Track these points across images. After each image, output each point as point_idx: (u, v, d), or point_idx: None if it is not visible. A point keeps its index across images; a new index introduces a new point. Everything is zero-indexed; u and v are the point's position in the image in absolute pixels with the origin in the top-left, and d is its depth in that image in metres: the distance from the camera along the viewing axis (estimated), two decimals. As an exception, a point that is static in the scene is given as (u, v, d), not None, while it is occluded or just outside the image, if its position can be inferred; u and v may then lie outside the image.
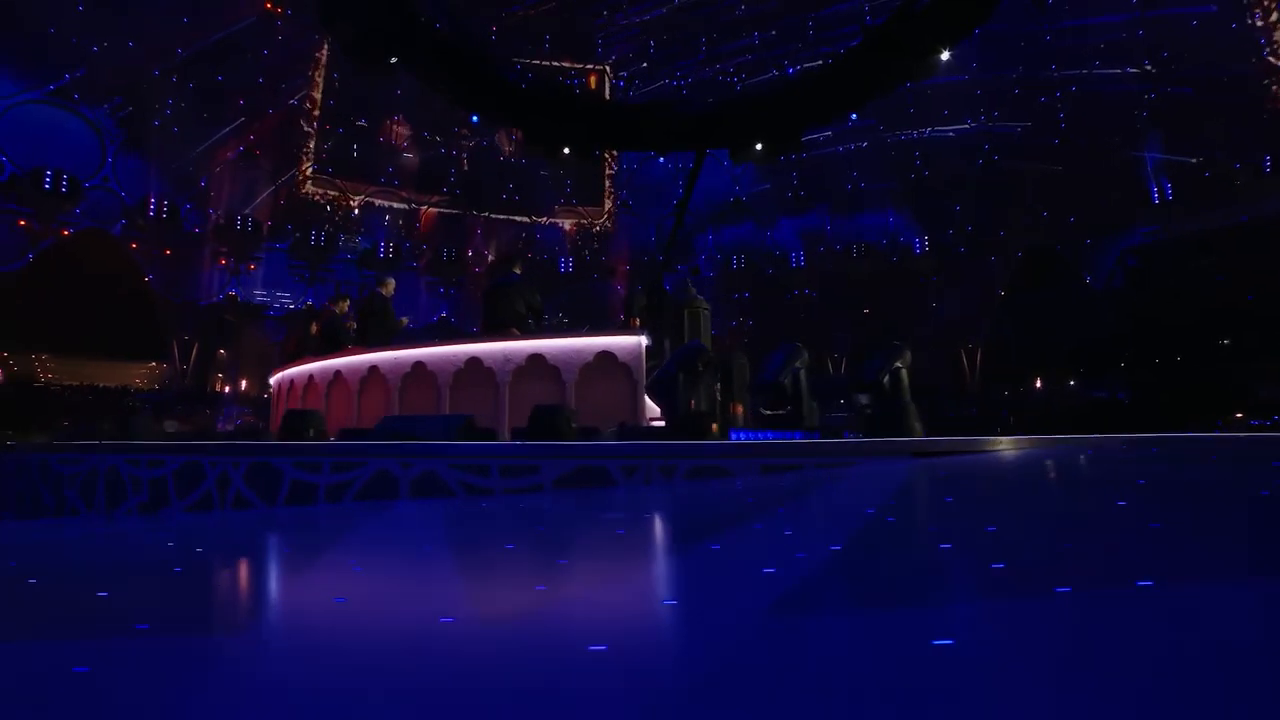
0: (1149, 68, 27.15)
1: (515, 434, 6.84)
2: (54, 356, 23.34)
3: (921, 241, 28.98)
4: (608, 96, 31.30)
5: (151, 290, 23.62)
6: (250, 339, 25.05)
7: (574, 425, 6.29)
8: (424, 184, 29.61)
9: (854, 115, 21.16)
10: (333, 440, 7.34)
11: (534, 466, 4.62)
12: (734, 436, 6.85)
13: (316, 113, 26.97)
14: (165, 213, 23.73)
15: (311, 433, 7.08)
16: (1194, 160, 26.26)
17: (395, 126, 28.47)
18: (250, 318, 25.21)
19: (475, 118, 24.48)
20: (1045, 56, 27.79)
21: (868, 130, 29.93)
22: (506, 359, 8.05)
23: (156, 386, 24.39)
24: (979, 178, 28.36)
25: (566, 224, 32.94)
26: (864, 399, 7.60)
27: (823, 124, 19.97)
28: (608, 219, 33.24)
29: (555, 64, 30.64)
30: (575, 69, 30.95)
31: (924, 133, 29.21)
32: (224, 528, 4.04)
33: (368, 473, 4.74)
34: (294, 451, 5.31)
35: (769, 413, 7.65)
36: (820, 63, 21.50)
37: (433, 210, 30.22)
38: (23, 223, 21.59)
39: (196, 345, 24.11)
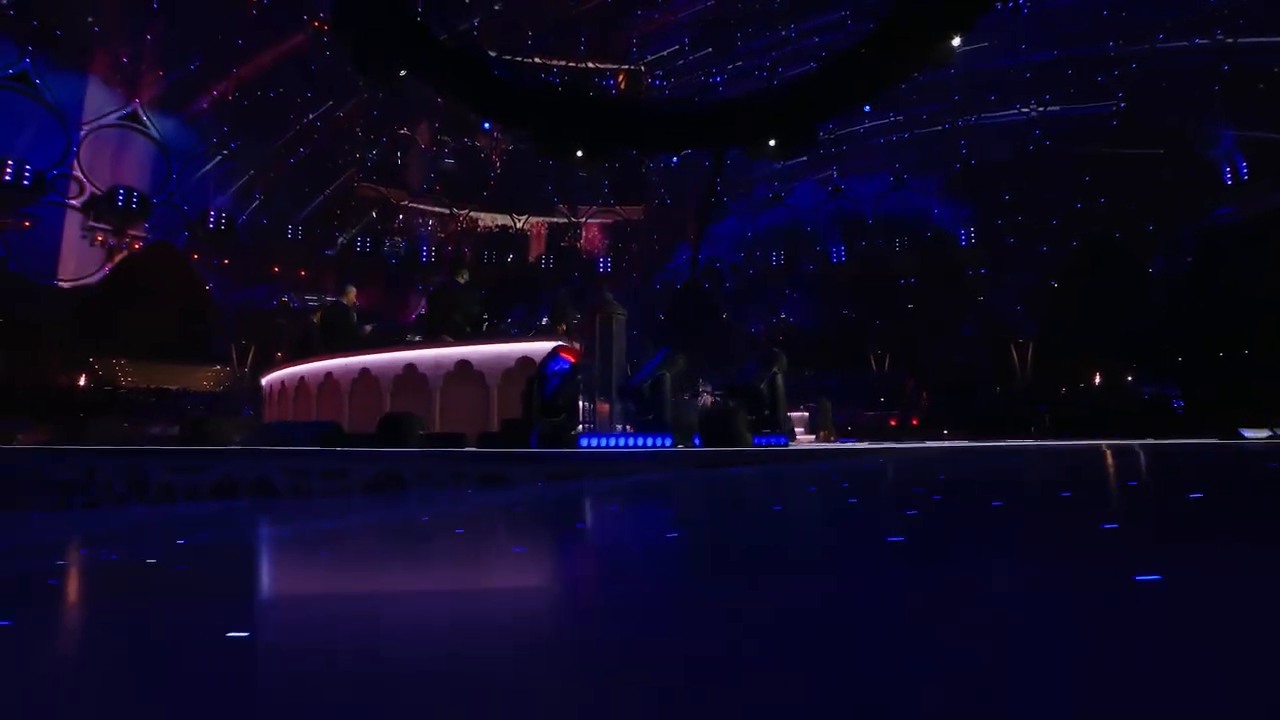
0: (1223, 38, 25.36)
1: (365, 440, 7.20)
2: (130, 361, 25.52)
3: (968, 233, 27.99)
4: (642, 96, 31.60)
5: (211, 297, 25.52)
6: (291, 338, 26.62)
7: (421, 432, 6.57)
8: (464, 188, 30.71)
9: (867, 107, 20.60)
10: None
11: (344, 470, 4.91)
12: (583, 442, 7.03)
13: (362, 123, 28.42)
14: (224, 224, 25.57)
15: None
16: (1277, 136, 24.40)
17: (436, 134, 29.65)
18: (298, 319, 26.82)
19: (487, 123, 25.26)
20: (1102, 32, 26.34)
21: (911, 120, 29.09)
22: (438, 365, 8.63)
23: (221, 388, 26.29)
24: (1030, 165, 27.13)
25: (604, 223, 33.44)
26: (733, 403, 7.79)
27: (834, 117, 19.59)
28: (644, 217, 33.54)
29: (588, 65, 31.17)
30: (608, 69, 31.39)
31: (970, 120, 28.15)
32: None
33: (214, 474, 5.22)
34: (161, 455, 5.92)
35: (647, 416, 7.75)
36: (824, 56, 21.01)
37: (473, 213, 31.31)
38: (100, 238, 23.75)
39: (254, 348, 25.87)
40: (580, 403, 7.92)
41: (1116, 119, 26.27)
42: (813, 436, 17.92)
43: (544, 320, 9.03)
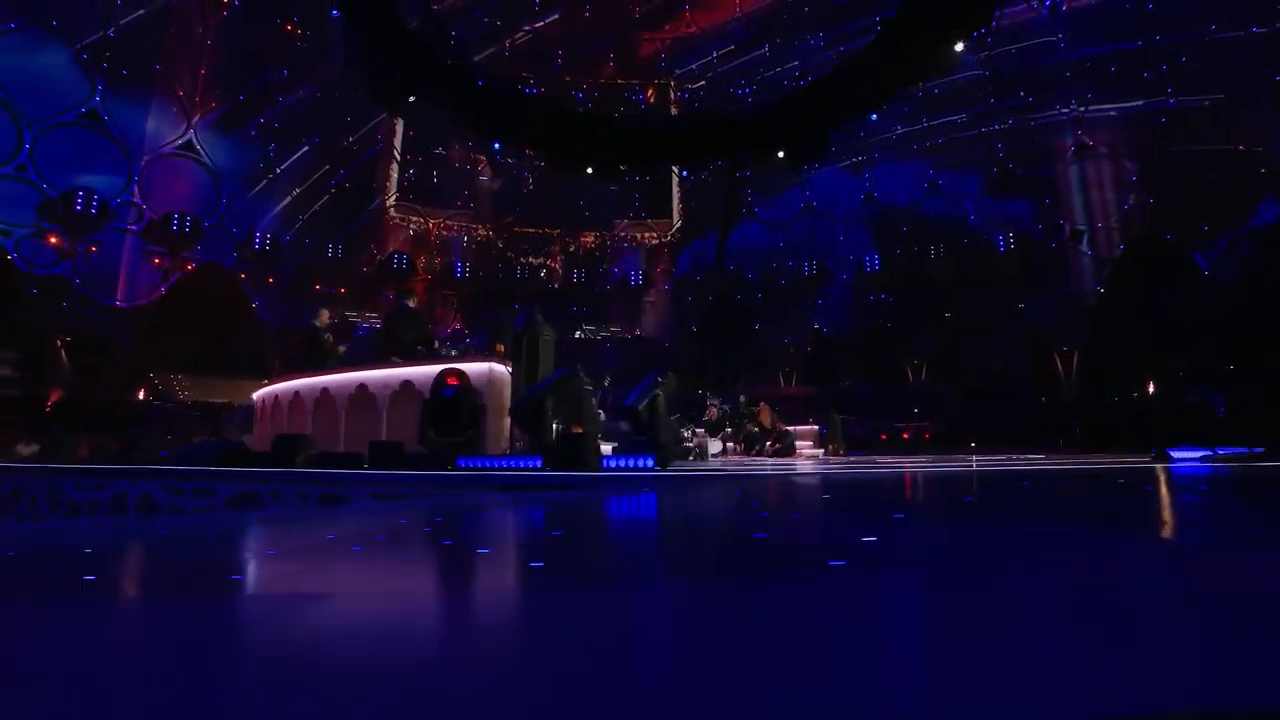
0: (1285, 26, 24.00)
1: (263, 459, 7.59)
2: (187, 376, 27.18)
3: (1006, 238, 27.08)
4: (672, 110, 31.93)
5: (256, 314, 26.99)
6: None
7: (312, 453, 7.02)
8: (499, 205, 31.62)
9: (873, 116, 20.29)
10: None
11: (213, 489, 5.10)
12: (461, 463, 7.11)
13: (398, 143, 29.68)
14: (268, 245, 27.06)
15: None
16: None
17: (471, 151, 30.67)
18: (342, 338, 28.05)
19: (497, 144, 25.93)
20: (1149, 25, 25.25)
21: (946, 125, 28.47)
22: (385, 384, 9.03)
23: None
24: (1072, 166, 26.14)
25: (636, 237, 33.78)
26: (624, 425, 7.82)
27: (844, 124, 19.34)
28: (677, 230, 33.73)
29: (617, 81, 31.72)
30: (637, 84, 31.86)
31: (1007, 123, 27.32)
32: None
33: (110, 493, 5.55)
34: (71, 474, 6.36)
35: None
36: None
37: (507, 229, 32.18)
38: (157, 260, 25.50)
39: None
40: (506, 423, 8.04)
41: (1165, 115, 25.07)
42: (821, 451, 17.62)
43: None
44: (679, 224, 33.83)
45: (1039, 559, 2.24)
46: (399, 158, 30.27)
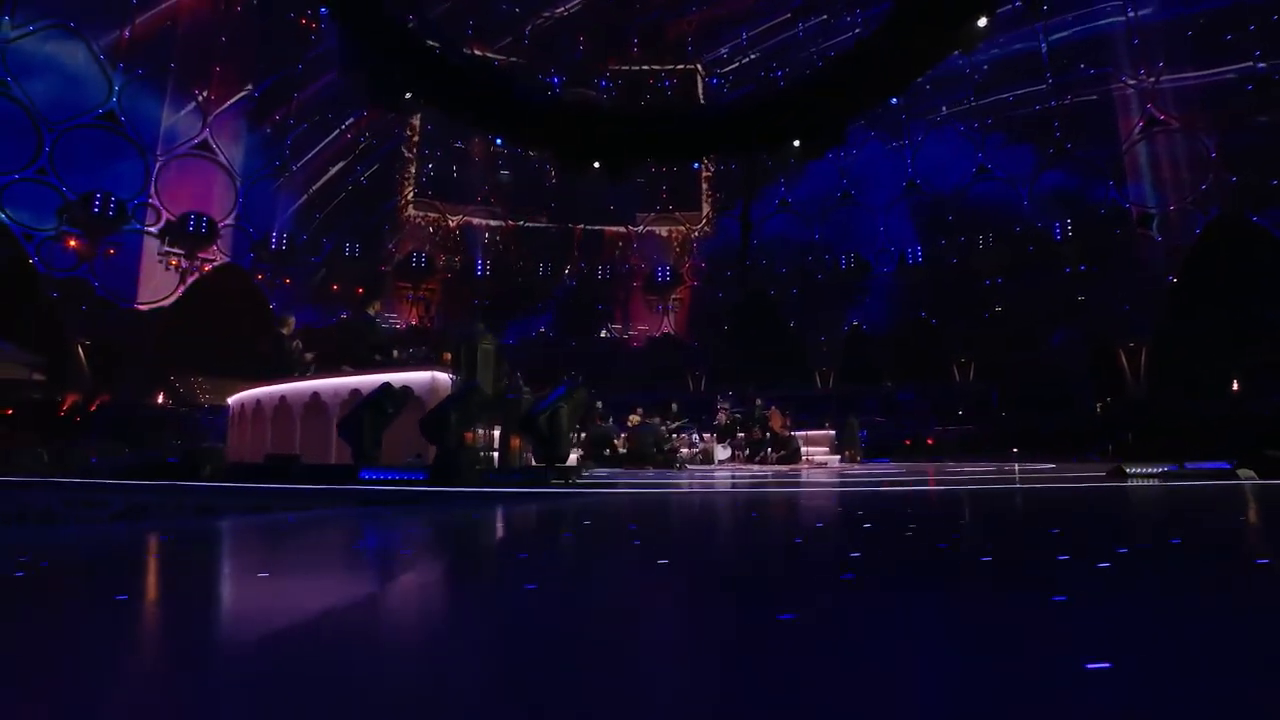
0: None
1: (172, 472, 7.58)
2: (208, 379, 26.98)
3: (1063, 225, 24.75)
4: (700, 97, 30.42)
5: (274, 316, 26.57)
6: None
7: (222, 465, 7.09)
8: (520, 200, 30.62)
9: (894, 99, 18.59)
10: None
11: (105, 501, 4.96)
12: (363, 475, 6.79)
13: (416, 138, 28.94)
14: (285, 245, 26.64)
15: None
16: None
17: (490, 145, 29.73)
18: (360, 338, 27.47)
19: (500, 140, 24.95)
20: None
21: (997, 105, 26.23)
22: (336, 394, 8.70)
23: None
24: (1141, 143, 23.65)
25: (663, 231, 32.39)
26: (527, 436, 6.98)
27: (860, 110, 17.82)
28: (707, 224, 32.20)
29: (642, 68, 30.35)
30: (663, 70, 30.42)
31: (1065, 100, 24.93)
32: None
33: (13, 505, 4.93)
34: None
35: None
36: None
37: (529, 225, 31.19)
38: (174, 262, 25.29)
39: (314, 366, 26.70)
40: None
41: (1251, 82, 22.40)
42: (836, 458, 16.55)
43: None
44: (708, 216, 32.27)
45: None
46: (417, 152, 29.54)
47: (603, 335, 31.85)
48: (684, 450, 15.32)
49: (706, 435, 16.15)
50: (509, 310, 29.99)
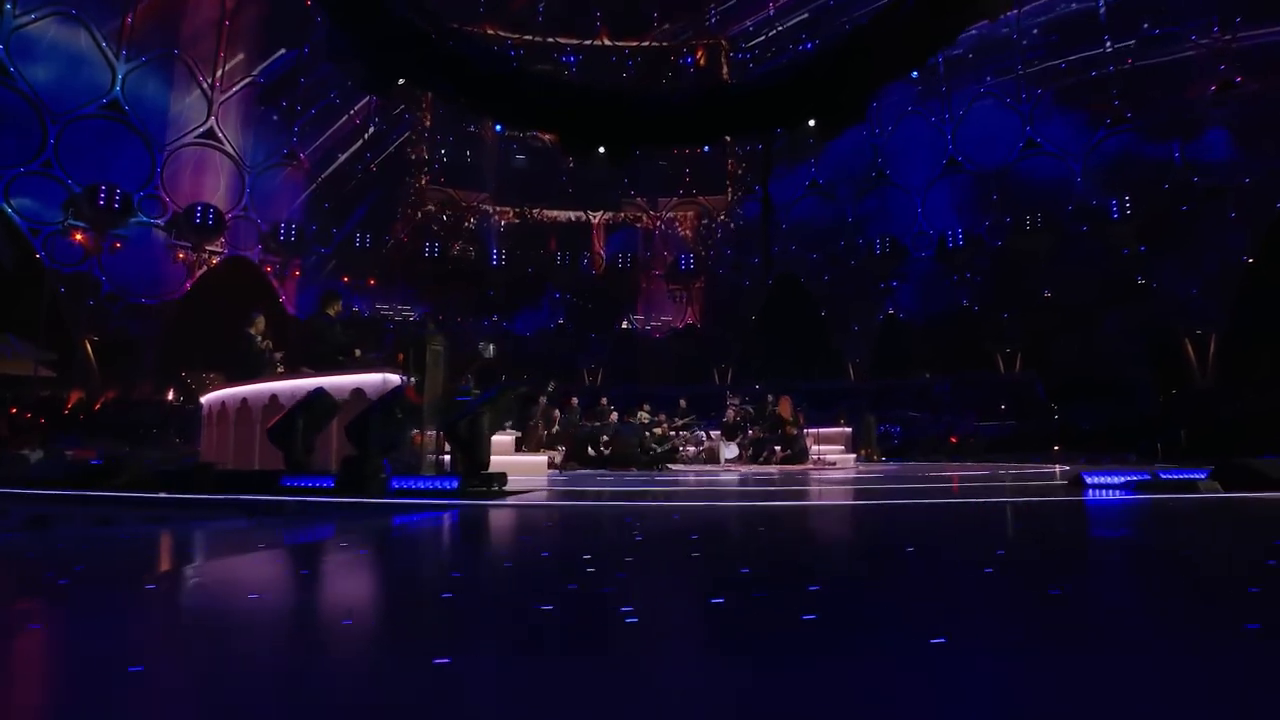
0: None
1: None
2: (220, 375, 26.36)
3: (1121, 202, 22.75)
4: (725, 73, 28.81)
5: (284, 309, 25.87)
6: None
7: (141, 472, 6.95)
8: (536, 185, 29.42)
9: (914, 73, 17.04)
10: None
11: (7, 510, 5.06)
12: (283, 482, 6.57)
13: (427, 123, 27.90)
14: (294, 236, 25.86)
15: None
16: None
17: (505, 130, 28.54)
18: (371, 332, 26.66)
19: (500, 126, 23.84)
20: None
21: (1047, 73, 24.20)
22: (294, 396, 8.08)
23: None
24: (1212, 110, 21.51)
25: (686, 216, 30.95)
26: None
27: (880, 86, 16.44)
28: (734, 207, 30.65)
29: (662, 44, 28.84)
30: (685, 46, 28.87)
31: (1125, 64, 22.83)
32: None
33: None
34: None
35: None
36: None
37: (545, 211, 30.01)
38: (181, 255, 24.68)
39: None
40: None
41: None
42: (852, 457, 15.77)
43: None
44: (735, 200, 30.71)
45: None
46: (429, 138, 28.49)
47: (623, 327, 30.61)
48: (691, 449, 14.68)
49: (714, 433, 15.32)
50: (524, 301, 28.93)
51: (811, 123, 14.12)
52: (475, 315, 28.84)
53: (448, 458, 7.20)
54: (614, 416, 14.68)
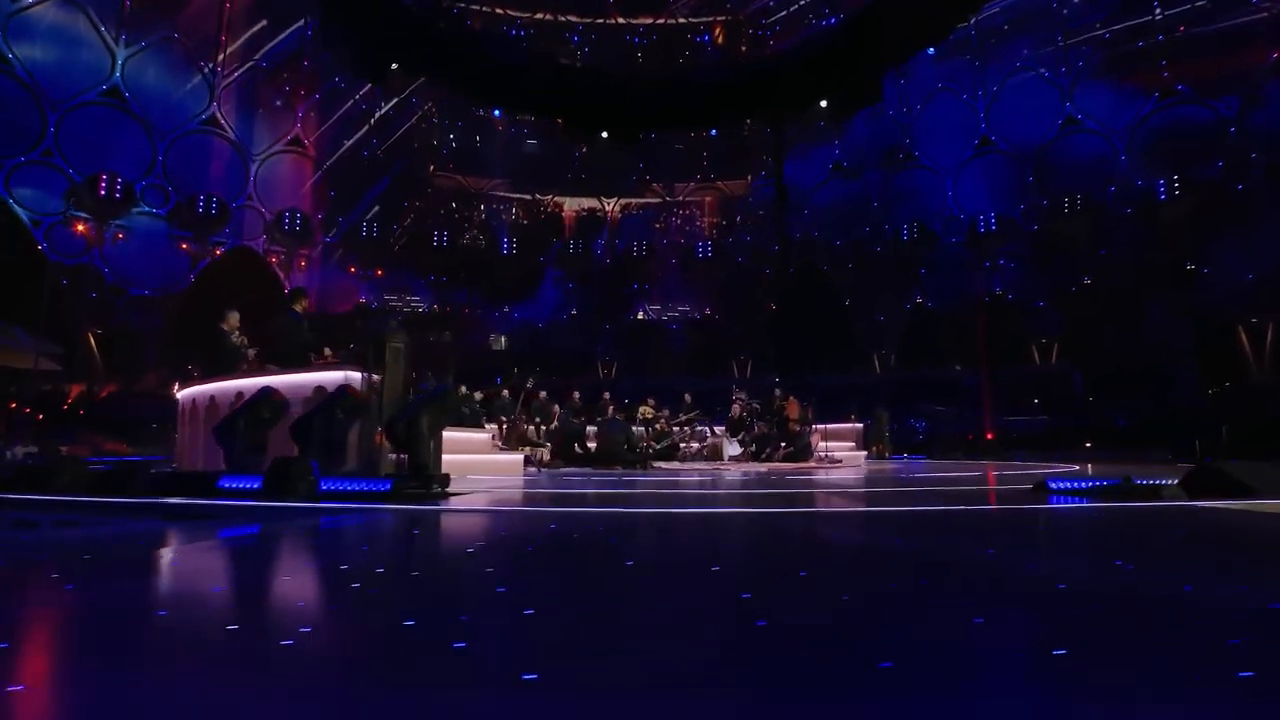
0: None
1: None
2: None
3: (1169, 182, 21.29)
4: (743, 48, 27.57)
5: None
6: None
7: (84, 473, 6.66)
8: (548, 171, 28.46)
9: (931, 50, 16.09)
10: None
11: None
12: (220, 483, 6.23)
13: (435, 108, 27.02)
14: (299, 226, 25.17)
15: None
16: None
17: (515, 114, 27.60)
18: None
19: (498, 111, 22.99)
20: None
21: (1089, 45, 22.72)
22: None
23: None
24: (1270, 81, 19.97)
25: (704, 202, 29.84)
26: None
27: (894, 63, 15.48)
28: (754, 191, 29.48)
29: (678, 20, 27.64)
30: (702, 23, 27.66)
31: (1176, 32, 21.30)
32: None
33: None
34: None
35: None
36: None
37: (558, 200, 29.06)
38: (185, 246, 24.08)
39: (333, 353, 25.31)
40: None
41: None
42: (863, 454, 15.25)
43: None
44: (755, 185, 29.52)
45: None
46: (438, 123, 27.62)
47: (638, 317, 29.64)
48: (694, 445, 14.25)
49: (719, 429, 14.74)
50: (536, 291, 28.05)
51: (823, 104, 13.84)
52: (485, 306, 28.03)
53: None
54: (646, 410, 14.30)
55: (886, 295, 27.01)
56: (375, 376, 7.11)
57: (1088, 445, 18.23)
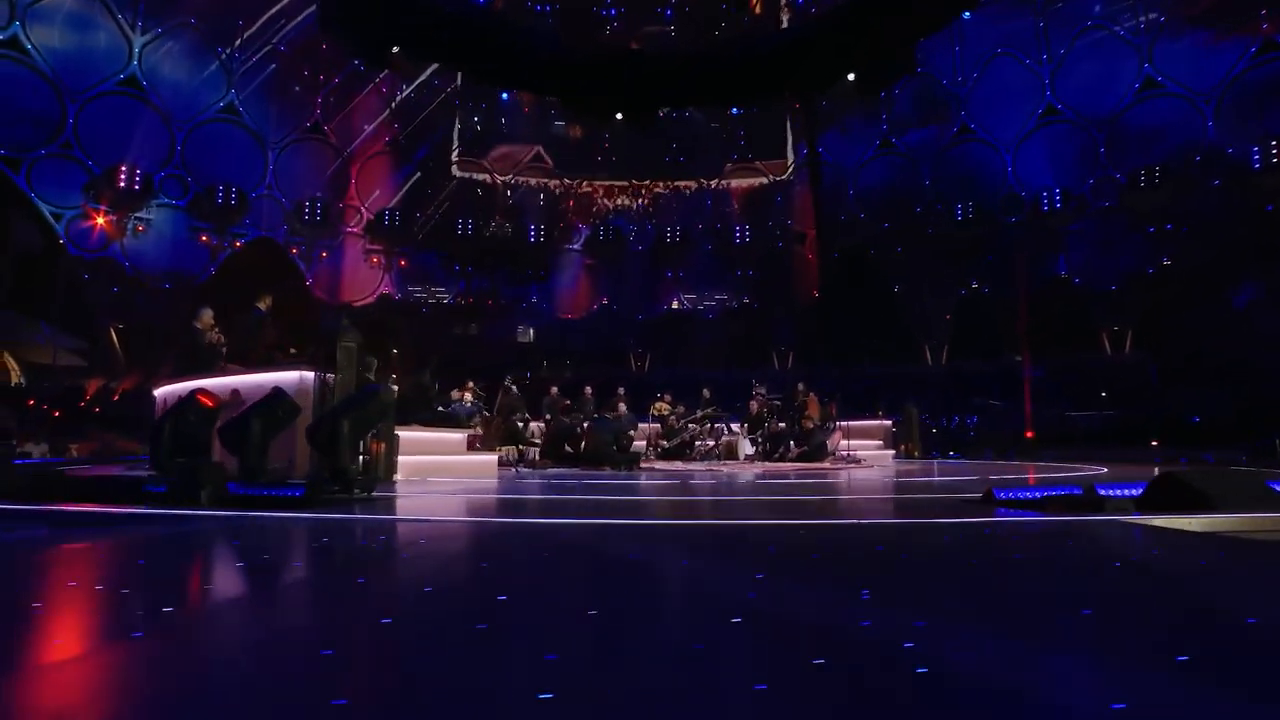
0: None
1: None
2: (245, 366, 25.34)
3: (1264, 150, 19.15)
4: (784, 22, 25.90)
5: (312, 293, 24.61)
6: (404, 338, 25.01)
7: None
8: (577, 155, 27.26)
9: (967, 13, 14.77)
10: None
11: None
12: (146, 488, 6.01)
13: (458, 89, 26.02)
14: (319, 215, 24.47)
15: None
16: None
17: (542, 95, 26.45)
18: (403, 316, 25.20)
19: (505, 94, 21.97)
20: None
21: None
22: (218, 394, 7.73)
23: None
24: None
25: (741, 185, 28.30)
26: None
27: (927, 33, 14.27)
28: (794, 172, 27.84)
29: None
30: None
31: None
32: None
33: None
34: None
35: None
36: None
37: (588, 184, 27.86)
38: (204, 238, 23.57)
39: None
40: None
41: None
42: (891, 453, 14.56)
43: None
44: (795, 164, 27.89)
45: None
46: (461, 105, 26.62)
47: (674, 306, 28.33)
48: (709, 443, 13.70)
49: (735, 426, 14.19)
50: (565, 280, 26.96)
51: (850, 78, 13.55)
52: (512, 296, 27.04)
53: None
54: (662, 406, 13.97)
55: (938, 281, 25.24)
56: (331, 377, 7.04)
57: (1154, 443, 16.73)
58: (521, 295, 27.17)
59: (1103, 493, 4.69)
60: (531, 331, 27.45)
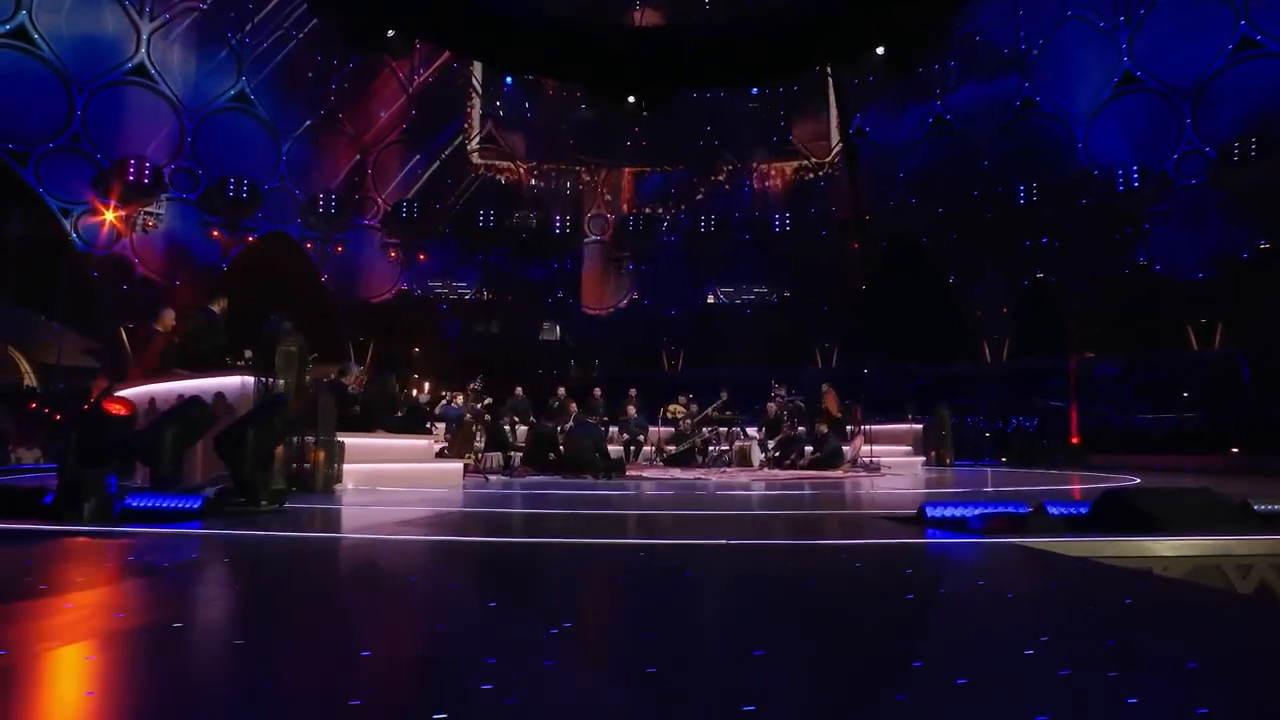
0: None
1: None
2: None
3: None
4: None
5: (327, 289, 23.66)
6: (424, 335, 23.99)
7: None
8: (603, 141, 25.82)
9: None
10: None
11: None
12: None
13: (479, 71, 24.79)
14: (334, 208, 23.46)
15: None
16: None
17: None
18: (423, 313, 24.13)
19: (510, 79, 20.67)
20: None
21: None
22: (165, 400, 7.74)
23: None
24: None
25: (780, 169, 26.60)
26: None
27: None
28: (836, 157, 26.03)
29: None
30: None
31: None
32: None
33: None
34: None
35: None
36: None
37: (617, 171, 26.45)
38: (216, 233, 22.74)
39: (373, 345, 23.65)
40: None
41: None
42: (920, 459, 13.71)
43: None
44: (839, 148, 26.06)
45: None
46: (481, 90, 25.37)
47: (707, 301, 26.79)
48: (723, 447, 13.24)
49: (750, 432, 13.57)
50: (592, 272, 25.62)
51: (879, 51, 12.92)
52: (538, 291, 25.78)
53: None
54: (676, 409, 13.66)
55: (999, 270, 23.30)
56: (276, 381, 6.75)
57: (1234, 450, 15.18)
58: (546, 290, 25.89)
59: (1054, 512, 4.39)
60: (557, 328, 26.19)
